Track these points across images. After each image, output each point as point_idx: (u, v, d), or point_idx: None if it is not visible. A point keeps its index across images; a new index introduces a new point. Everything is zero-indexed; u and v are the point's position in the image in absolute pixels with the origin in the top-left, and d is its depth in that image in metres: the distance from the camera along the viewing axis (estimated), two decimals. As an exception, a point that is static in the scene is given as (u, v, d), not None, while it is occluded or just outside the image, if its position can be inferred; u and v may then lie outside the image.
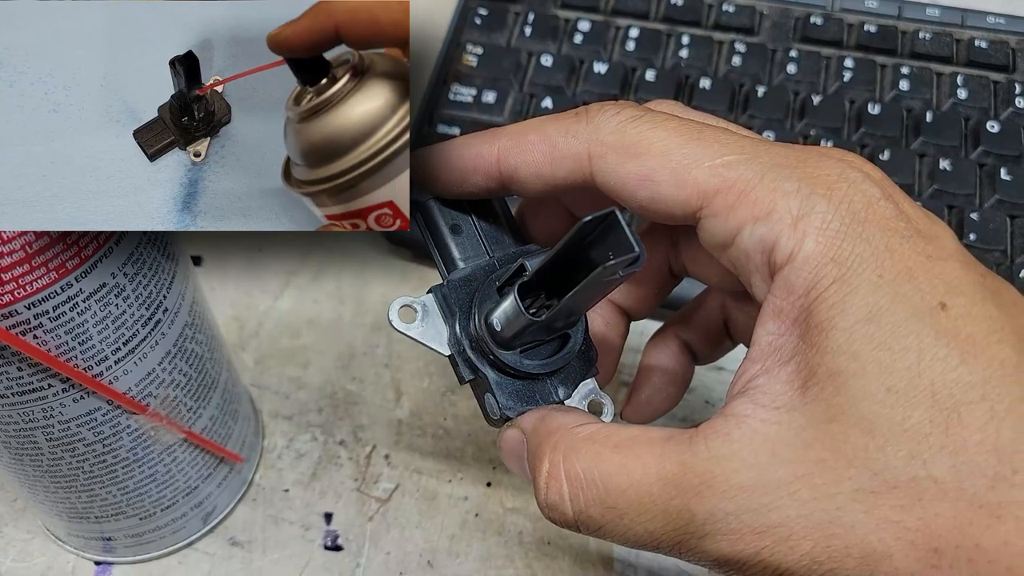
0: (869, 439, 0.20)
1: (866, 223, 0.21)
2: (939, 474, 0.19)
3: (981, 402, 0.19)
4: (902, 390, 0.20)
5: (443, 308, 0.26)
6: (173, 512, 0.34)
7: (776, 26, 0.48)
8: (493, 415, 0.26)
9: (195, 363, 0.31)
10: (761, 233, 0.22)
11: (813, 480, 0.20)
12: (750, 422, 0.21)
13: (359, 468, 0.38)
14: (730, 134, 0.23)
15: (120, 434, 0.29)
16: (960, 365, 0.19)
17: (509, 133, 0.25)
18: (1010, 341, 0.20)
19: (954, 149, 0.43)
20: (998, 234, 0.40)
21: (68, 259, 0.24)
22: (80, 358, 0.26)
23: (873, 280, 0.20)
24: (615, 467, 0.22)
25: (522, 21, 0.48)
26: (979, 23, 0.47)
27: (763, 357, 0.22)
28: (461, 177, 0.26)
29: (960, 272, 0.21)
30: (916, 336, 0.20)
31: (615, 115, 0.24)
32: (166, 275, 0.28)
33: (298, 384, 0.41)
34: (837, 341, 0.20)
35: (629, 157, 0.23)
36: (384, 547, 0.36)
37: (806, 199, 0.21)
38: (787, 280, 0.21)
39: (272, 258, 0.45)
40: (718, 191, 0.22)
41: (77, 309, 0.25)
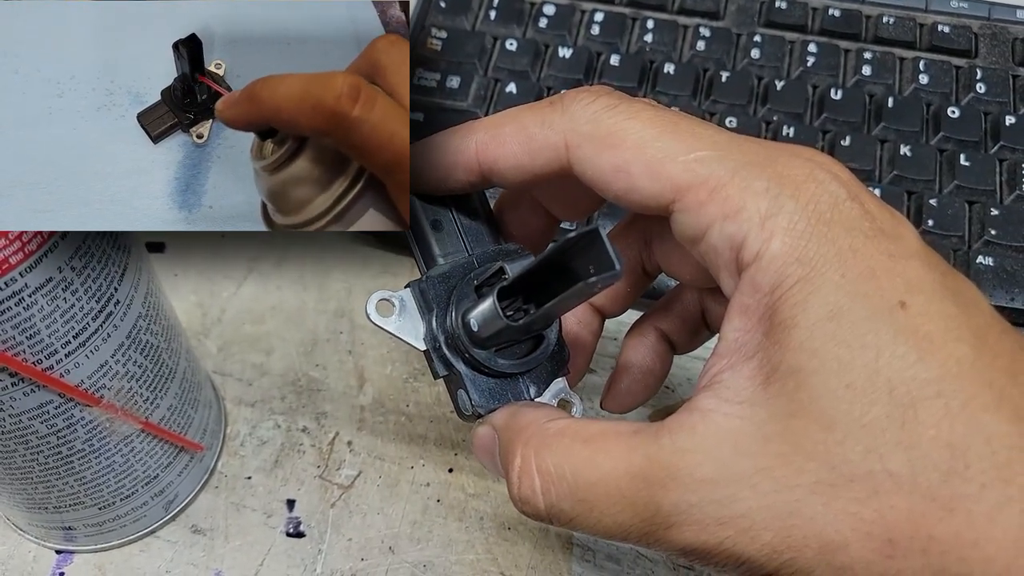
0: (828, 434, 0.20)
1: (831, 223, 0.21)
2: (895, 468, 0.20)
3: (936, 398, 0.20)
4: (860, 386, 0.20)
5: (420, 303, 0.27)
6: (133, 501, 0.34)
7: (741, 10, 0.48)
8: (465, 411, 0.27)
9: (150, 354, 0.31)
10: (730, 231, 0.22)
11: (774, 473, 0.21)
12: (713, 416, 0.22)
13: (322, 455, 0.38)
14: (704, 127, 0.24)
15: (74, 426, 0.29)
16: (917, 362, 0.20)
17: (486, 126, 0.26)
18: (967, 339, 0.20)
19: (915, 135, 0.43)
20: (956, 220, 0.41)
21: (11, 254, 0.24)
22: (28, 352, 0.26)
23: (836, 280, 0.21)
24: (585, 461, 0.23)
25: (487, 5, 0.48)
26: (942, 7, 0.48)
27: (729, 353, 0.22)
28: (443, 175, 0.26)
29: (921, 271, 0.21)
30: (875, 334, 0.20)
31: (590, 103, 0.24)
32: (117, 267, 0.28)
33: (261, 371, 0.41)
34: (799, 338, 0.21)
35: (605, 148, 0.24)
36: (346, 533, 0.36)
37: (775, 199, 0.22)
38: (753, 278, 0.22)
39: (235, 245, 0.45)
40: (690, 186, 0.23)
41: (23, 304, 0.25)
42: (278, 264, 0.44)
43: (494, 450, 0.26)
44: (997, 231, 0.40)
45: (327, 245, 0.45)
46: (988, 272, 0.39)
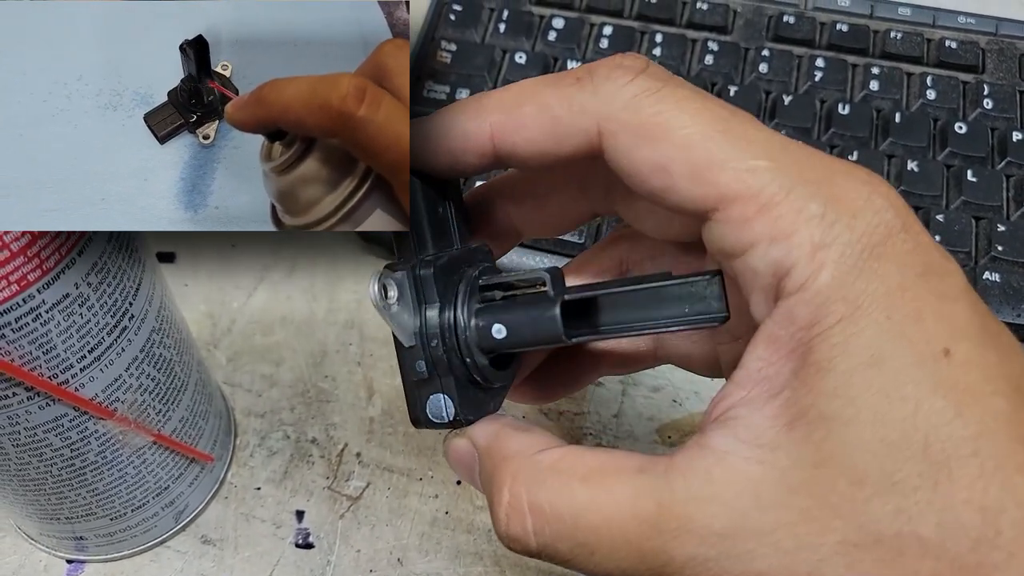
0: (857, 490, 0.19)
1: (883, 258, 0.20)
2: (924, 531, 0.19)
3: (972, 458, 0.19)
4: (895, 442, 0.19)
5: (413, 292, 0.24)
6: (144, 512, 0.34)
7: (749, 24, 0.48)
8: (439, 418, 0.25)
9: (163, 367, 0.31)
10: (776, 256, 0.20)
11: (796, 529, 0.20)
12: (731, 460, 0.20)
13: (330, 466, 0.38)
14: (758, 130, 0.21)
15: (88, 439, 0.29)
16: (955, 418, 0.19)
17: (502, 106, 0.23)
18: (1004, 391, 0.19)
19: (922, 150, 0.44)
20: (963, 236, 0.41)
21: (29, 271, 0.24)
22: (45, 367, 0.26)
23: (881, 322, 0.20)
24: (585, 502, 0.21)
25: (496, 17, 0.48)
26: (950, 23, 0.48)
27: (749, 384, 0.21)
28: (453, 158, 0.24)
29: (967, 314, 0.20)
30: (916, 385, 0.19)
31: (627, 84, 0.22)
32: (132, 282, 0.28)
33: (271, 382, 0.41)
34: (834, 383, 0.20)
35: (645, 140, 0.21)
36: (355, 544, 0.36)
37: (829, 227, 0.20)
38: (791, 310, 0.20)
39: (245, 254, 0.45)
40: (738, 198, 0.21)
41: (40, 320, 0.25)
42: (288, 274, 0.44)
43: (473, 467, 0.25)
44: (1004, 247, 0.40)
45: (338, 255, 0.45)
46: (995, 288, 0.39)
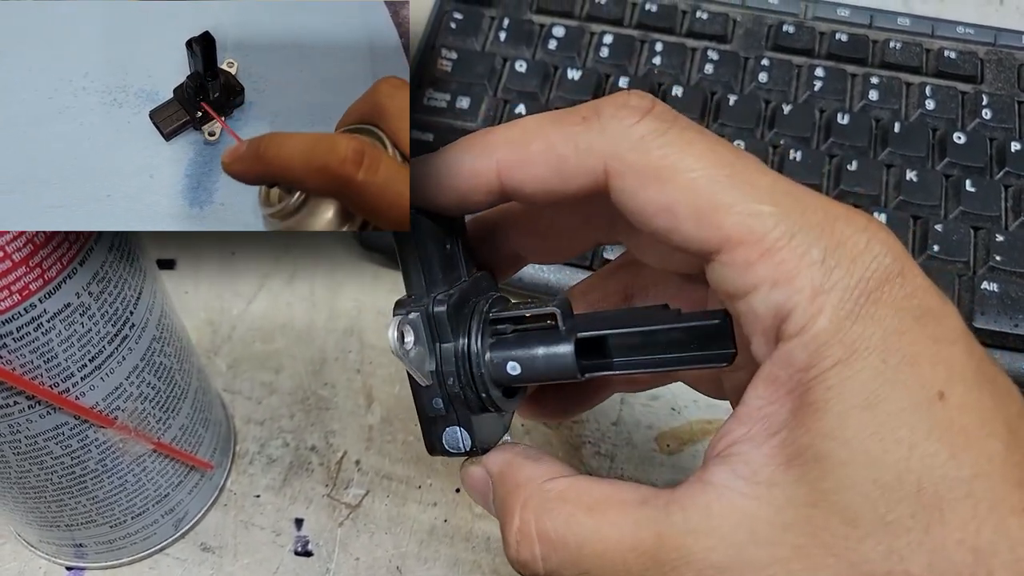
0: (850, 529, 0.20)
1: (880, 303, 0.20)
2: (915, 570, 0.19)
3: (965, 499, 0.19)
4: (888, 484, 0.19)
5: (428, 331, 0.24)
6: (144, 519, 0.34)
7: (749, 34, 0.48)
8: (456, 448, 0.25)
9: (163, 375, 0.31)
10: (777, 299, 0.21)
11: (790, 565, 0.20)
12: (729, 495, 0.21)
13: (330, 474, 0.39)
14: (763, 174, 0.22)
15: (88, 447, 0.29)
16: (949, 460, 0.19)
17: (508, 143, 0.24)
18: (1000, 434, 0.20)
19: (920, 160, 0.44)
20: (961, 246, 0.41)
21: (31, 281, 0.24)
22: (46, 376, 0.26)
23: (876, 365, 0.20)
24: (589, 531, 0.22)
25: (497, 26, 0.48)
26: (949, 33, 0.48)
27: (750, 421, 0.22)
28: (460, 196, 0.24)
29: (963, 358, 0.20)
30: (910, 429, 0.20)
31: (634, 125, 0.22)
32: (132, 291, 0.28)
33: (270, 389, 0.41)
34: (829, 425, 0.20)
35: (651, 182, 0.22)
36: (354, 552, 0.37)
37: (829, 272, 0.21)
38: (791, 352, 0.21)
39: (245, 261, 0.45)
40: (742, 241, 0.21)
41: (41, 329, 0.25)
42: (288, 282, 0.44)
43: (488, 494, 0.26)
44: (1002, 257, 0.40)
45: (338, 263, 0.45)
46: (993, 298, 0.39)
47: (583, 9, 0.49)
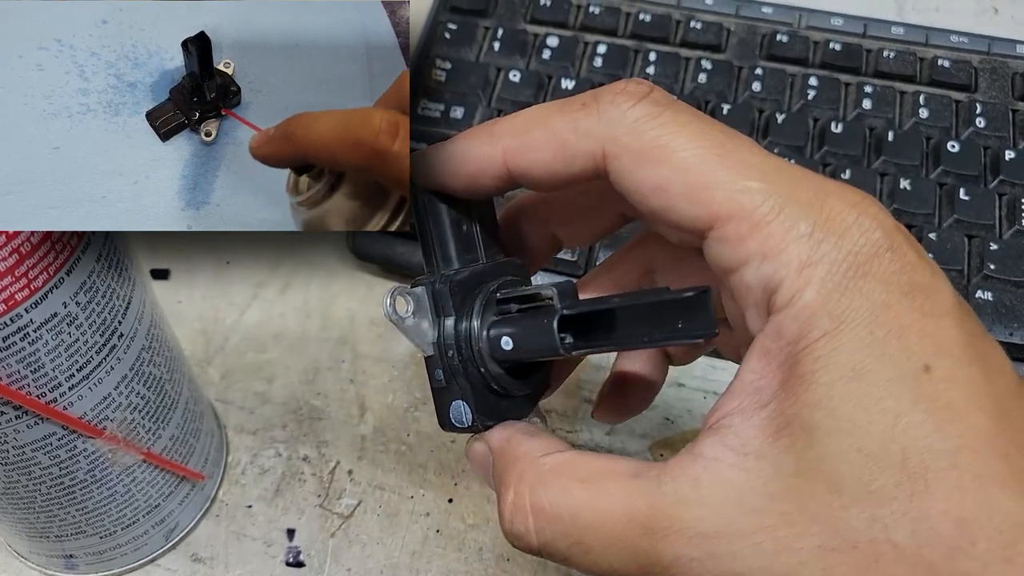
0: (835, 498, 0.20)
1: (868, 276, 0.21)
2: (899, 539, 0.19)
3: (950, 471, 0.19)
4: (873, 453, 0.20)
5: (431, 305, 0.26)
6: (134, 530, 0.34)
7: (742, 43, 0.48)
8: (460, 423, 0.26)
9: (153, 386, 0.31)
10: (766, 272, 0.21)
11: (776, 532, 0.20)
12: (719, 467, 0.21)
13: (322, 484, 0.38)
14: (752, 152, 0.23)
15: (77, 457, 0.29)
16: (934, 432, 0.20)
17: (513, 131, 0.25)
18: (987, 408, 0.20)
19: (914, 168, 0.44)
20: (956, 254, 0.41)
21: (17, 291, 0.24)
22: (33, 385, 0.26)
23: (863, 337, 0.20)
24: (582, 502, 0.23)
25: (491, 36, 0.48)
26: (943, 42, 0.48)
27: (742, 395, 0.22)
28: (469, 180, 0.25)
29: (952, 331, 0.21)
30: (895, 399, 0.20)
31: (630, 108, 0.23)
32: (121, 301, 0.28)
33: (263, 399, 0.41)
34: (816, 395, 0.20)
35: (645, 162, 0.23)
36: (345, 563, 0.36)
37: (817, 245, 0.21)
38: (780, 324, 0.21)
39: (240, 270, 0.45)
40: (731, 217, 0.22)
41: (28, 339, 0.25)
42: (282, 292, 0.44)
43: (488, 469, 0.26)
44: (996, 265, 0.40)
45: (332, 273, 0.45)
46: (987, 307, 0.39)
47: (577, 19, 0.49)
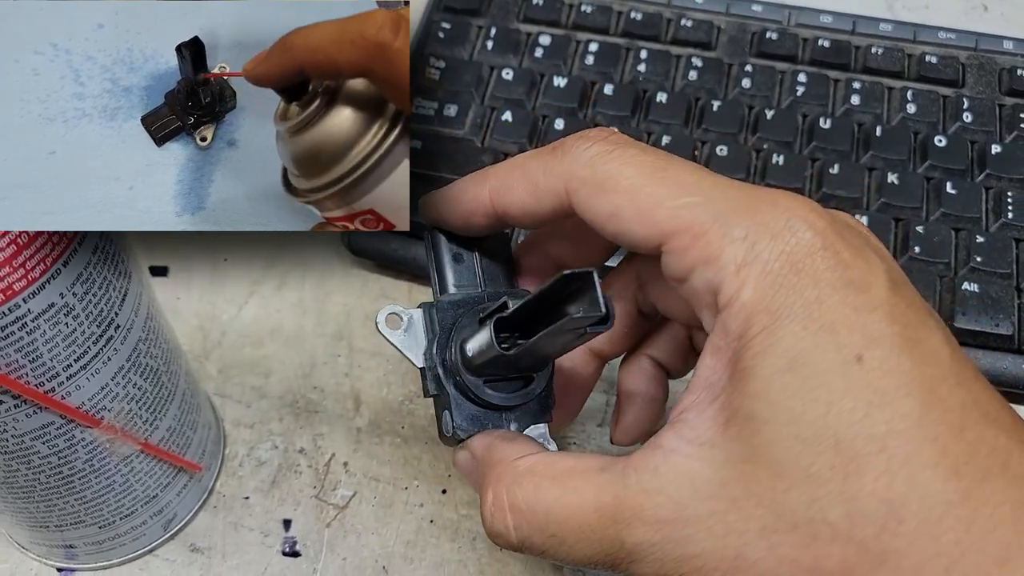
0: (776, 482, 0.22)
1: (801, 274, 0.22)
2: (833, 519, 0.21)
3: (880, 454, 0.21)
4: (809, 438, 0.21)
5: (427, 324, 0.29)
6: (133, 520, 0.35)
7: (732, 41, 0.49)
8: (446, 432, 0.29)
9: (150, 376, 0.32)
10: (708, 276, 0.23)
11: (726, 517, 0.22)
12: (676, 457, 0.23)
13: (318, 476, 0.39)
14: (692, 173, 0.25)
15: (75, 447, 0.30)
16: (865, 418, 0.21)
17: (497, 174, 0.28)
18: (917, 394, 0.21)
19: (902, 163, 0.44)
20: (942, 247, 0.41)
21: (15, 281, 0.25)
22: (31, 375, 0.27)
23: (797, 331, 0.22)
24: (554, 499, 0.25)
25: (484, 35, 0.49)
26: (931, 38, 0.49)
27: (697, 390, 0.24)
28: (465, 218, 0.29)
29: (883, 324, 0.22)
30: (828, 388, 0.21)
31: (587, 148, 0.26)
32: (117, 292, 0.29)
33: (260, 393, 0.41)
34: (756, 387, 0.22)
35: (600, 192, 0.25)
36: (341, 553, 0.37)
37: (751, 248, 0.23)
38: (725, 322, 0.23)
39: (236, 269, 0.46)
40: (675, 231, 0.24)
41: (26, 329, 0.26)
42: (278, 288, 0.45)
43: (474, 474, 0.28)
44: (982, 258, 0.41)
45: (327, 269, 0.46)
46: (973, 298, 0.40)
47: (569, 18, 0.50)
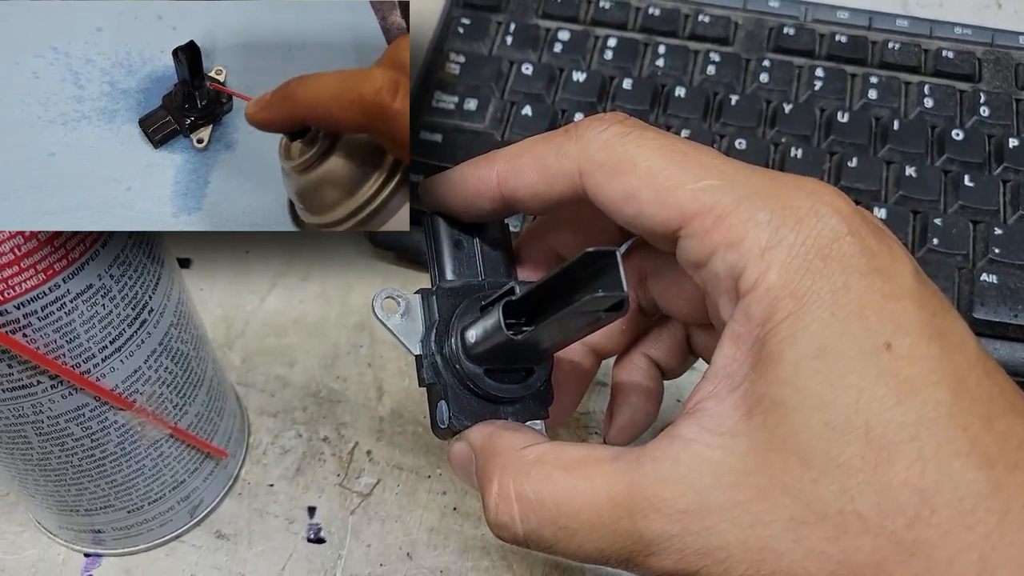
0: (804, 471, 0.21)
1: (828, 259, 0.22)
2: (864, 509, 0.20)
3: (911, 443, 0.20)
4: (839, 426, 0.21)
5: (425, 311, 0.28)
6: (160, 505, 0.35)
7: (750, 36, 0.49)
8: (441, 423, 0.27)
9: (181, 361, 0.32)
10: (731, 259, 0.23)
11: (751, 507, 0.21)
12: (695, 446, 0.22)
13: (342, 464, 0.39)
14: (712, 157, 0.24)
15: (108, 429, 0.30)
16: (896, 406, 0.21)
17: (505, 156, 0.27)
18: (947, 383, 0.21)
19: (920, 156, 0.45)
20: (960, 239, 0.42)
21: (55, 261, 0.25)
22: (68, 356, 0.27)
23: (825, 317, 0.21)
24: (566, 489, 0.23)
25: (504, 30, 0.49)
26: (947, 33, 0.49)
27: (716, 379, 0.23)
28: (468, 202, 0.28)
29: (911, 311, 0.22)
30: (858, 375, 0.21)
31: (603, 131, 0.25)
32: (151, 277, 0.29)
33: (283, 383, 0.42)
34: (784, 373, 0.21)
35: (616, 175, 0.25)
36: (365, 539, 0.37)
37: (776, 231, 0.22)
38: (747, 308, 0.22)
39: (259, 260, 0.46)
40: (696, 214, 0.23)
41: (65, 309, 0.26)
42: (302, 279, 0.45)
43: (470, 467, 0.27)
44: (1001, 250, 0.41)
45: (350, 261, 0.46)
46: (992, 290, 0.40)
47: (588, 13, 0.50)
